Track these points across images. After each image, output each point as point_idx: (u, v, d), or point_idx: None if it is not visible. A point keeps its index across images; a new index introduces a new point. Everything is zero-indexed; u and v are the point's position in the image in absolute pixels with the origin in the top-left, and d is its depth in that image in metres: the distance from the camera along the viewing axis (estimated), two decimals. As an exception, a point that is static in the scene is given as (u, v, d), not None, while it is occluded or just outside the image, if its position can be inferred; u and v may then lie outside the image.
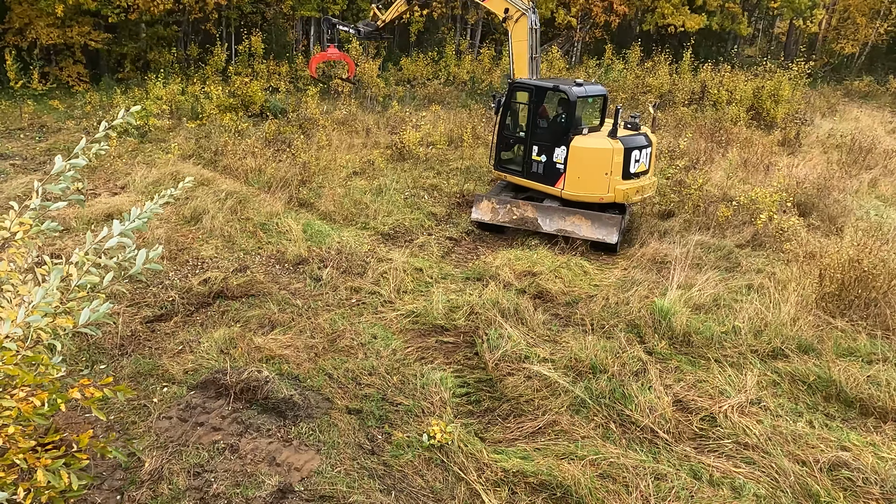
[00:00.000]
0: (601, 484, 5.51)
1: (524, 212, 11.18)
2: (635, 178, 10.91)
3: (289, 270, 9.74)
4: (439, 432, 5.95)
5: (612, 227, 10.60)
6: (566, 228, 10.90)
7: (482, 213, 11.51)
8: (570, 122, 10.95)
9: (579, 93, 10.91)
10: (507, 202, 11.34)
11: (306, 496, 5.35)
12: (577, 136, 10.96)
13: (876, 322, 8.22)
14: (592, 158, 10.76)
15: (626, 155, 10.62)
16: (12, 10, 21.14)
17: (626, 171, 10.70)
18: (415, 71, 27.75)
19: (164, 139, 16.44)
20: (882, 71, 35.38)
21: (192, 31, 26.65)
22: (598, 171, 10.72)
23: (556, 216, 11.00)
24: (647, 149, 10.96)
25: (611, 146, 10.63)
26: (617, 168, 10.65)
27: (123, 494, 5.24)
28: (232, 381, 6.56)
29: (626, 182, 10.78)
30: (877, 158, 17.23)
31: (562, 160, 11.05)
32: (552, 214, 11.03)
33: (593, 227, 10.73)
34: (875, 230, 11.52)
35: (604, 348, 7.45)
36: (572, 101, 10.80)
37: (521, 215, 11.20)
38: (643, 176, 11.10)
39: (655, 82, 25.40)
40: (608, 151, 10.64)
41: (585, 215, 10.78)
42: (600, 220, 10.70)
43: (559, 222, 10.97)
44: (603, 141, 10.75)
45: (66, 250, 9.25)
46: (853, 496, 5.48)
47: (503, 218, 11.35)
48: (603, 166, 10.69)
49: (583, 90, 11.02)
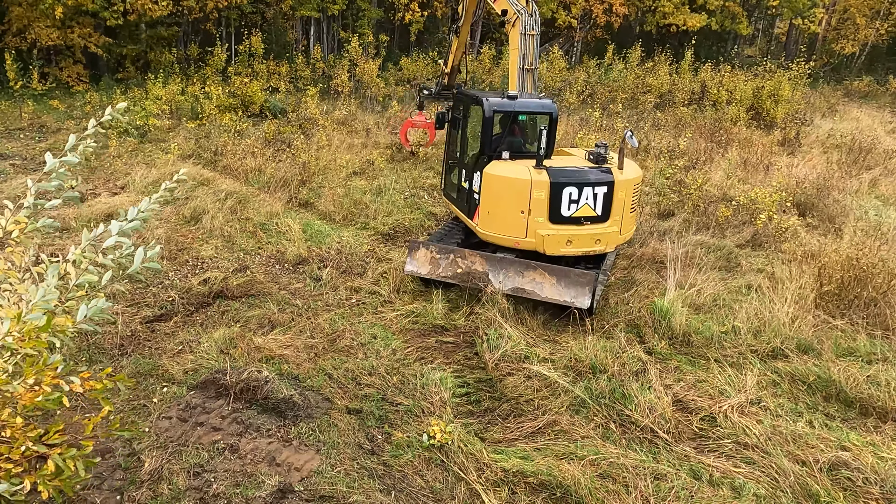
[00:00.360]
0: (601, 484, 5.50)
1: (472, 264, 8.64)
2: (572, 223, 8.44)
3: (289, 270, 9.74)
4: (439, 432, 5.95)
5: (583, 287, 8.06)
6: (524, 287, 8.34)
7: (419, 264, 8.91)
8: (484, 142, 8.87)
9: (498, 106, 8.88)
10: (450, 251, 8.81)
11: (306, 496, 5.34)
12: (493, 160, 8.79)
13: (875, 322, 8.22)
14: (506, 190, 8.46)
15: (553, 190, 8.25)
16: (11, 11, 21.15)
17: (554, 211, 8.34)
18: (415, 71, 27.76)
19: (164, 139, 16.44)
20: (882, 71, 35.39)
21: (192, 31, 26.67)
22: (513, 208, 8.43)
23: (512, 271, 8.45)
24: (597, 187, 8.38)
25: (529, 177, 8.27)
26: (539, 206, 8.29)
27: (123, 494, 5.24)
28: (232, 381, 6.56)
29: (554, 227, 8.40)
30: (877, 158, 17.23)
31: (477, 189, 8.90)
32: (507, 268, 8.49)
33: (559, 286, 8.19)
34: (874, 230, 11.52)
35: (604, 348, 7.44)
36: (487, 116, 8.75)
37: (467, 268, 8.66)
38: (589, 223, 8.48)
39: (655, 82, 25.41)
40: (524, 183, 8.27)
41: (549, 270, 8.27)
42: (568, 278, 8.15)
43: (515, 279, 8.40)
44: (522, 170, 8.41)
45: (65, 250, 9.25)
46: (853, 496, 5.47)
47: (445, 271, 8.77)
48: (519, 202, 8.36)
49: (509, 104, 8.96)
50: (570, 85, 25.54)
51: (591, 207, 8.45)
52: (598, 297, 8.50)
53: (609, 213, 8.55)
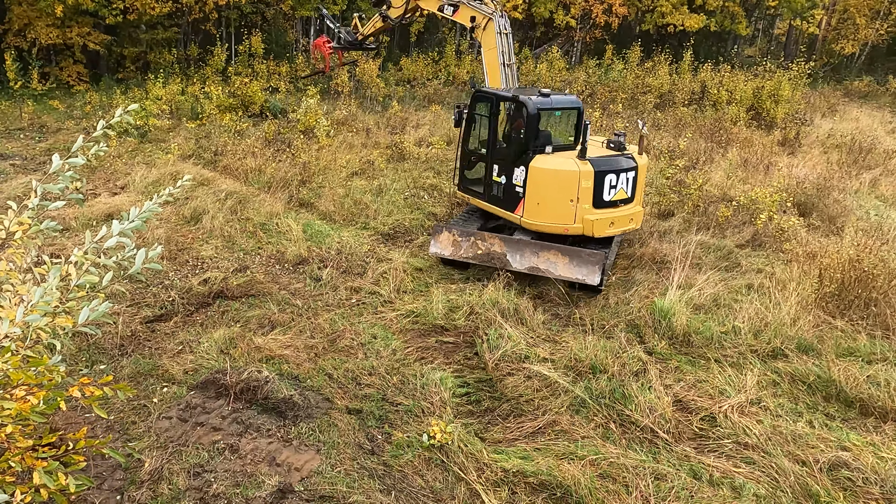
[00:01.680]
0: (601, 484, 5.50)
1: (491, 246, 9.33)
2: (611, 206, 9.23)
3: (289, 270, 9.74)
4: (439, 432, 5.95)
5: (593, 266, 8.76)
6: (539, 266, 9.06)
7: (442, 246, 9.63)
8: (529, 139, 9.35)
9: (541, 104, 9.38)
10: (470, 234, 9.49)
11: (306, 496, 5.34)
12: (538, 154, 9.32)
13: (876, 322, 8.22)
14: (555, 182, 9.10)
15: (597, 179, 8.98)
16: (12, 10, 21.16)
17: (597, 197, 9.06)
18: (415, 71, 27.78)
19: (164, 139, 16.44)
20: (882, 71, 35.40)
21: (192, 31, 26.67)
22: (562, 198, 9.07)
23: (528, 252, 9.14)
24: (628, 173, 9.26)
25: (577, 168, 8.97)
26: (586, 194, 8.98)
27: (123, 494, 5.24)
28: (232, 381, 6.56)
29: (599, 211, 9.11)
30: (877, 158, 17.23)
31: (521, 183, 9.42)
32: (523, 249, 9.18)
33: (571, 264, 8.89)
34: (875, 230, 11.52)
35: (604, 348, 7.44)
36: (532, 113, 9.26)
37: (486, 250, 9.34)
38: (623, 205, 9.38)
39: (655, 82, 25.41)
40: (573, 174, 8.95)
41: (562, 251, 8.96)
42: (580, 258, 8.85)
43: (531, 259, 9.11)
44: (568, 162, 9.09)
45: (65, 250, 9.25)
46: (853, 496, 5.47)
47: (466, 252, 9.45)
48: (568, 191, 9.02)
49: (547, 101, 9.51)
50: (570, 85, 25.54)
51: (625, 191, 9.36)
52: (607, 274, 9.40)
53: (635, 194, 9.56)
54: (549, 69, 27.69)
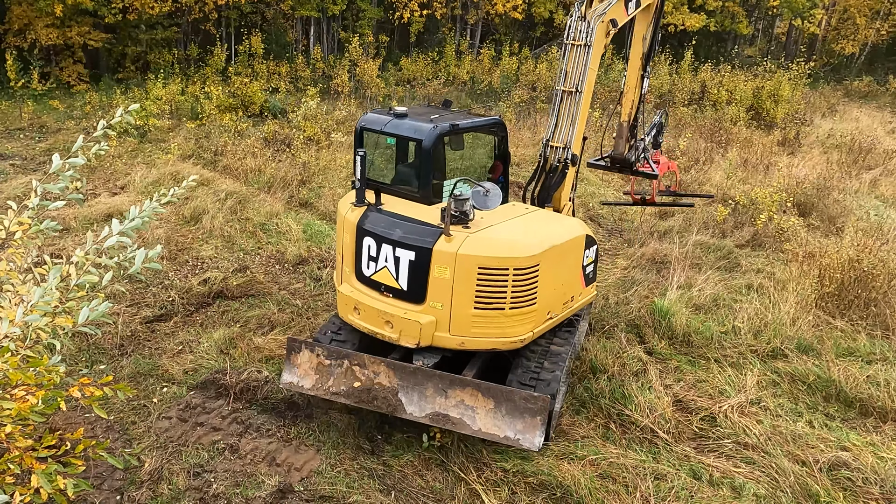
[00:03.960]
0: (601, 484, 5.50)
1: (374, 376, 5.91)
2: (373, 287, 6.05)
3: (289, 270, 9.74)
4: (439, 432, 5.94)
5: (532, 416, 5.47)
6: (448, 413, 5.65)
7: (300, 373, 6.19)
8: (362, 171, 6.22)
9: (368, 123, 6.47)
10: (343, 356, 6.04)
11: (306, 496, 5.34)
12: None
13: (876, 322, 8.22)
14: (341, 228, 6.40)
15: (359, 235, 6.03)
16: (12, 10, 21.17)
17: (358, 268, 6.15)
18: (415, 71, 27.75)
19: (164, 139, 16.44)
20: (882, 71, 35.38)
21: (192, 31, 26.66)
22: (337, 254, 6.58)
23: (431, 388, 5.72)
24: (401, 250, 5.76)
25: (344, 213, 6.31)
26: (347, 252, 6.25)
27: (123, 494, 5.24)
28: (232, 381, 6.56)
29: (362, 288, 6.16)
30: (877, 158, 17.23)
31: None
32: (423, 385, 5.75)
33: (498, 414, 5.57)
34: (875, 230, 11.51)
35: (604, 348, 7.44)
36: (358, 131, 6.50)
37: (368, 382, 5.91)
38: (390, 295, 5.94)
39: (655, 82, 25.39)
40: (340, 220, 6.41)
41: (485, 391, 5.60)
42: (511, 402, 5.52)
43: (435, 400, 5.70)
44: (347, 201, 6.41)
45: (66, 250, 9.25)
46: (853, 496, 5.47)
47: (336, 386, 6.01)
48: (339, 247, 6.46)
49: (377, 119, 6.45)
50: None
51: (391, 275, 5.88)
52: (554, 425, 6.14)
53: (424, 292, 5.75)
54: (549, 69, 27.68)
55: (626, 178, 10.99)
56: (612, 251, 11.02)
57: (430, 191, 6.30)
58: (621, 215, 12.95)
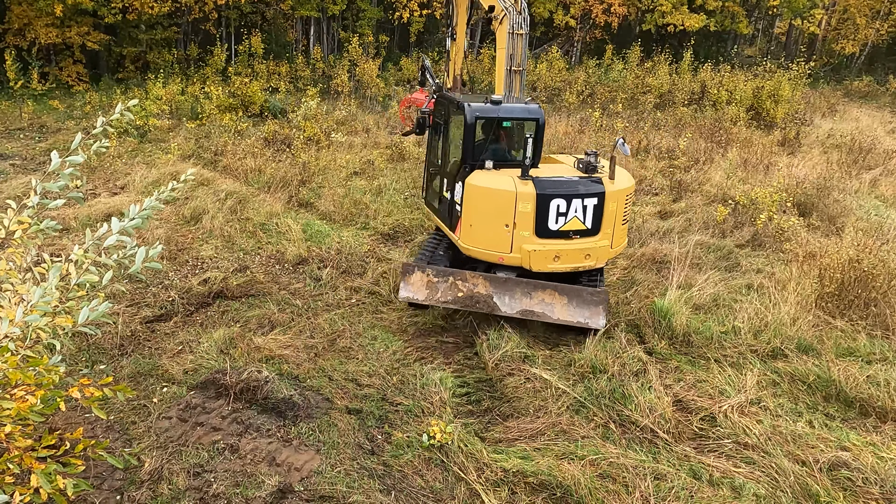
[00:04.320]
0: (601, 484, 5.50)
1: (474, 287, 7.87)
2: (560, 237, 7.79)
3: (289, 270, 9.74)
4: (439, 432, 5.95)
5: (597, 307, 7.66)
6: (534, 309, 7.72)
7: (414, 289, 7.96)
8: (466, 150, 8.12)
9: (480, 111, 8.09)
10: (448, 273, 7.95)
11: (306, 496, 5.34)
12: (476, 169, 8.06)
13: (876, 322, 8.22)
14: (489, 202, 7.79)
15: (540, 203, 7.59)
16: (11, 10, 21.17)
17: (540, 225, 7.68)
18: (415, 71, 27.74)
19: (164, 139, 16.44)
20: (882, 71, 35.39)
21: (192, 31, 26.66)
22: (497, 221, 7.77)
23: (519, 292, 7.78)
24: (587, 199, 7.75)
25: (514, 188, 7.64)
26: (524, 220, 7.66)
27: (123, 494, 5.24)
28: (232, 381, 6.56)
29: (540, 241, 7.73)
30: (877, 158, 17.23)
31: (459, 200, 8.18)
32: (512, 290, 7.79)
33: (571, 306, 7.71)
34: (875, 230, 11.52)
35: (604, 348, 7.44)
36: (469, 122, 8.00)
37: (468, 292, 7.86)
38: (577, 237, 7.84)
39: (655, 82, 25.41)
40: (510, 195, 7.63)
41: (559, 290, 7.72)
42: (580, 297, 7.69)
43: (523, 301, 7.75)
44: (506, 180, 7.76)
45: (65, 250, 9.25)
46: (853, 496, 5.47)
47: (444, 296, 7.89)
48: (503, 215, 7.71)
49: (491, 109, 8.16)
50: (570, 85, 25.54)
51: (580, 221, 7.79)
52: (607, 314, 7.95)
53: (600, 225, 7.89)
54: (548, 69, 27.69)
55: None
56: (612, 251, 11.03)
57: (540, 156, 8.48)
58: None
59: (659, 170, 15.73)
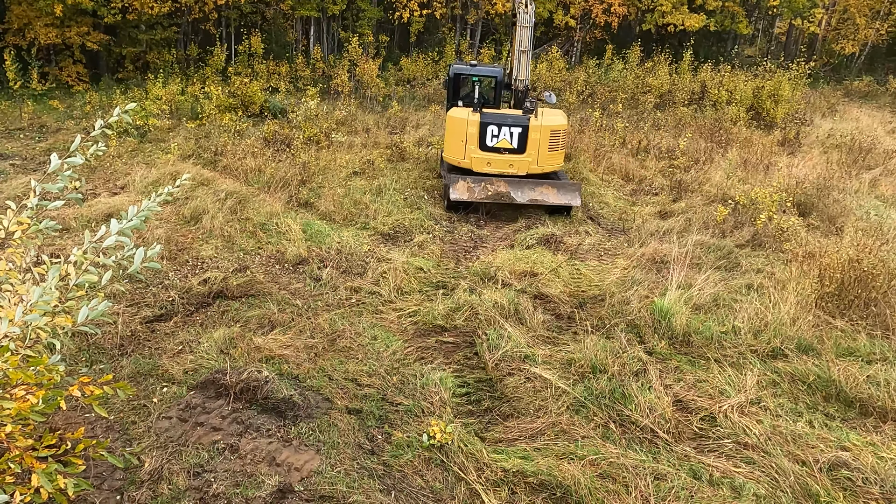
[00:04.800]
0: (601, 484, 5.50)
1: (498, 187, 12.10)
2: (493, 151, 12.31)
3: (289, 270, 9.74)
4: (439, 432, 5.94)
5: (574, 192, 12.16)
6: (537, 198, 12.11)
7: (460, 192, 12.10)
8: (449, 95, 13.31)
9: (458, 69, 13.38)
10: (480, 180, 12.17)
11: (306, 496, 5.34)
12: (453, 107, 12.98)
13: (876, 322, 8.22)
14: (452, 126, 12.59)
15: (481, 127, 12.16)
16: (11, 10, 21.16)
17: (481, 141, 12.27)
18: (415, 71, 27.77)
19: (164, 139, 16.44)
20: (882, 71, 35.37)
21: (192, 31, 26.66)
22: (457, 139, 12.49)
23: (527, 188, 12.18)
24: (514, 128, 12.16)
25: (466, 117, 12.22)
26: (472, 138, 12.27)
27: (123, 494, 5.24)
28: (232, 381, 6.56)
29: (483, 154, 12.35)
30: (877, 158, 17.23)
31: None
32: (523, 187, 12.18)
33: (560, 194, 12.14)
34: (875, 230, 11.51)
35: (604, 348, 7.44)
36: (451, 76, 13.34)
37: (495, 191, 12.10)
38: (507, 153, 12.34)
39: (655, 82, 25.40)
40: (464, 121, 12.25)
41: (552, 185, 12.21)
42: (564, 188, 12.22)
43: (530, 193, 12.14)
44: (465, 112, 12.37)
45: (65, 250, 9.25)
46: (853, 496, 5.47)
47: (480, 195, 12.07)
48: (460, 134, 12.42)
49: (466, 68, 13.46)
50: (570, 85, 25.53)
51: (508, 142, 12.33)
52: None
53: (525, 147, 12.35)
54: (548, 69, 27.68)
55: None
56: (612, 251, 11.02)
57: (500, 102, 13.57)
58: (621, 215, 12.96)
59: (659, 170, 15.73)
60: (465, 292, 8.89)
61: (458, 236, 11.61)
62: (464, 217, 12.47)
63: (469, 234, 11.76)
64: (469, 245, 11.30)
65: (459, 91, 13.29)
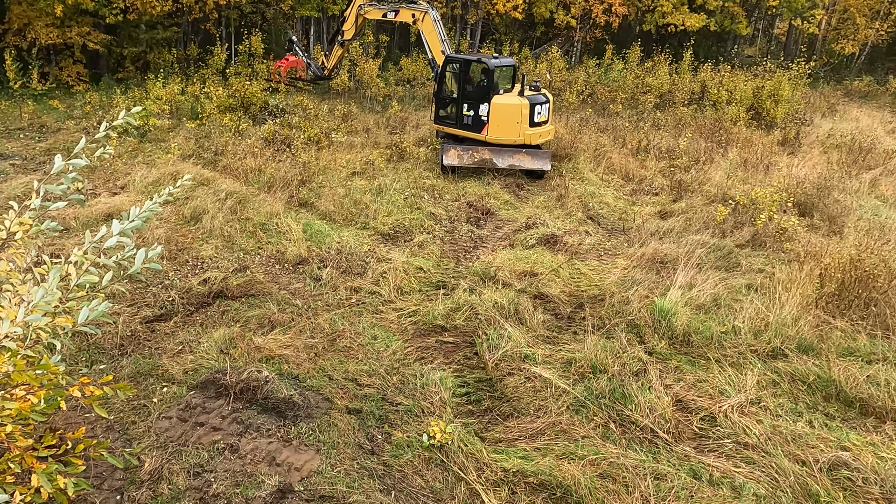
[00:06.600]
0: (601, 484, 5.50)
1: (483, 155, 14.67)
2: (538, 126, 14.82)
3: (289, 270, 9.74)
4: (439, 432, 5.95)
5: (546, 159, 14.79)
6: (515, 164, 14.67)
7: (451, 159, 14.63)
8: (490, 85, 14.74)
9: (495, 63, 14.76)
10: (468, 149, 14.73)
11: (306, 496, 5.34)
12: (496, 95, 14.75)
13: (876, 322, 8.22)
14: (508, 111, 14.57)
15: (531, 109, 14.43)
16: (11, 10, 21.15)
17: (531, 120, 14.54)
18: (415, 71, 27.74)
19: (164, 139, 16.44)
20: (882, 71, 35.36)
21: (192, 31, 26.66)
22: (513, 121, 14.55)
23: (506, 155, 14.70)
24: (545, 105, 14.86)
25: (520, 102, 14.43)
26: (525, 119, 14.48)
27: (123, 494, 5.24)
28: (232, 381, 6.56)
29: (532, 129, 14.67)
30: (877, 158, 17.23)
31: (485, 114, 14.83)
32: (503, 154, 14.70)
33: (534, 160, 14.72)
34: (875, 230, 11.52)
35: (604, 348, 7.44)
36: (491, 69, 14.60)
37: (480, 157, 14.64)
38: (544, 126, 15.07)
39: (655, 82, 25.39)
40: (519, 106, 14.45)
41: (527, 153, 14.72)
42: (537, 155, 14.77)
43: (509, 160, 14.68)
44: (515, 98, 14.54)
45: (65, 250, 9.25)
46: (853, 496, 5.48)
47: (468, 161, 14.61)
48: (516, 117, 14.51)
49: (498, 61, 14.91)
50: (570, 85, 25.53)
51: (545, 116, 15.06)
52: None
53: (549, 119, 15.39)
54: (548, 69, 27.67)
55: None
56: (612, 251, 11.03)
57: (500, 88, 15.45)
58: (621, 215, 12.96)
59: (659, 170, 15.74)
60: (465, 292, 8.90)
61: (458, 236, 11.62)
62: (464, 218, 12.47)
63: (469, 233, 11.76)
64: (469, 245, 11.30)
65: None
